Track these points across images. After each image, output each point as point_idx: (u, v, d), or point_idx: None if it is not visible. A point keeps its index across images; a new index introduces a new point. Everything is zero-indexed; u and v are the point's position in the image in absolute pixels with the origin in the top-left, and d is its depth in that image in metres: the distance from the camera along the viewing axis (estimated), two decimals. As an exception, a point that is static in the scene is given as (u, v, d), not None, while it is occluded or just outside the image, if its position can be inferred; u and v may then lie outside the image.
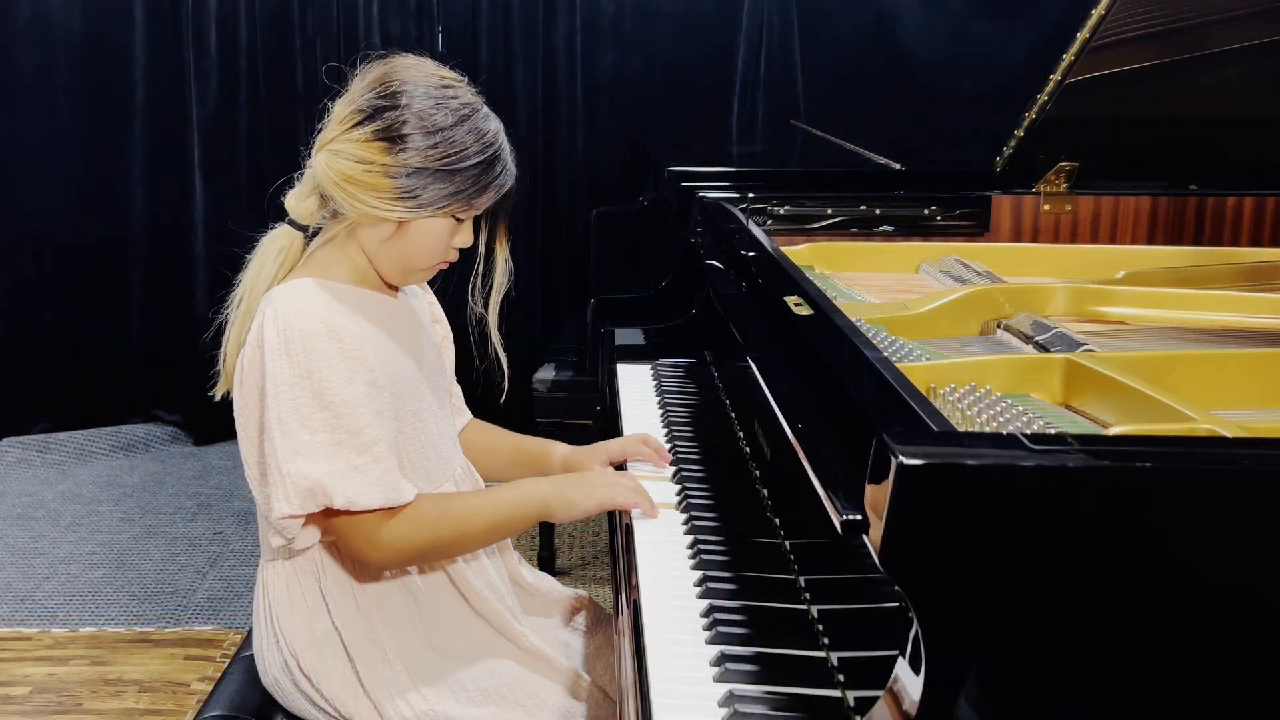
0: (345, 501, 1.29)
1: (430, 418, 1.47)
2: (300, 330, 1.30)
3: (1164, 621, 0.82)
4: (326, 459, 1.29)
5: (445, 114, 1.35)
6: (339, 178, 1.34)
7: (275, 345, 1.30)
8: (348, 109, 1.37)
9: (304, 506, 1.29)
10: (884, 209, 2.20)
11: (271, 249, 1.41)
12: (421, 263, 1.42)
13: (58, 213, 3.82)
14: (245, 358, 1.35)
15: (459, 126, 1.35)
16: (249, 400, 1.36)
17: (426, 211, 1.35)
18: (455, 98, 1.37)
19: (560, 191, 3.81)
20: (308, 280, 1.35)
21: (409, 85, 1.35)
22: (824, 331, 1.32)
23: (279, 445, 1.29)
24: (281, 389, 1.29)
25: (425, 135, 1.33)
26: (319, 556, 1.41)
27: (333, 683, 1.40)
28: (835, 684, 1.06)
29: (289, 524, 1.33)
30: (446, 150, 1.34)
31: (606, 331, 2.19)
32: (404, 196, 1.34)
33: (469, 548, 1.45)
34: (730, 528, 1.42)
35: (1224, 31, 1.94)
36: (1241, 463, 0.82)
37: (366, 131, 1.34)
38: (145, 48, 3.74)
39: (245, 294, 1.40)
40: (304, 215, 1.40)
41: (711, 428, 1.73)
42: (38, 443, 3.83)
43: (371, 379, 1.33)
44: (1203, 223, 2.19)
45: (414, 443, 1.42)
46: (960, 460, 0.82)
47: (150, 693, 2.45)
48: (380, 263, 1.41)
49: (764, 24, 3.74)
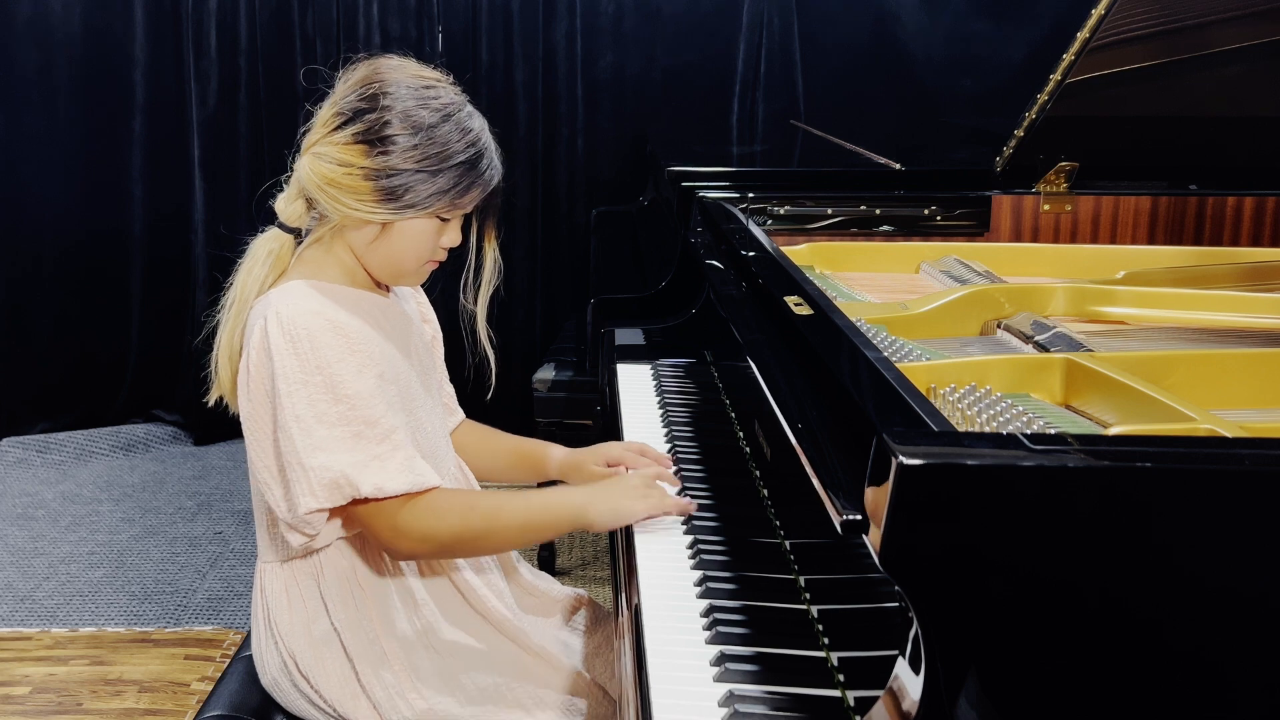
0: (373, 489, 1.29)
1: (424, 416, 1.47)
2: (305, 328, 1.30)
3: (1163, 621, 0.82)
4: (347, 451, 1.29)
5: (427, 114, 1.34)
6: (321, 181, 1.35)
7: (282, 345, 1.30)
8: (330, 111, 1.38)
9: (330, 499, 1.30)
10: (884, 209, 2.20)
11: (261, 252, 1.41)
12: (409, 264, 1.41)
13: (58, 212, 3.82)
14: (250, 362, 1.34)
15: (441, 126, 1.35)
16: (258, 405, 1.35)
17: (410, 213, 1.35)
18: (437, 97, 1.37)
19: (560, 191, 3.81)
20: (301, 282, 1.36)
21: (391, 86, 1.35)
22: (824, 331, 1.32)
23: (298, 442, 1.29)
24: (294, 387, 1.29)
25: (407, 136, 1.33)
26: (318, 558, 1.41)
27: (332, 683, 1.40)
28: (835, 684, 1.06)
29: (314, 519, 1.33)
30: (428, 150, 1.34)
31: (606, 331, 2.19)
32: (386, 198, 1.34)
33: (498, 546, 1.45)
34: (730, 528, 1.42)
35: (1224, 31, 1.93)
36: (1241, 463, 0.82)
37: (347, 134, 1.34)
38: (145, 48, 3.74)
39: (236, 298, 1.40)
40: (292, 218, 1.40)
41: (711, 428, 1.73)
42: (38, 443, 3.83)
43: (379, 372, 1.34)
44: (1203, 223, 2.19)
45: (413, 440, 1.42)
46: (960, 460, 0.82)
47: (150, 693, 2.45)
48: (369, 263, 1.41)
49: (764, 24, 3.74)
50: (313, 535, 1.36)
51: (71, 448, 3.82)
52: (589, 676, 1.50)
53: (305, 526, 1.34)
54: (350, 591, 1.41)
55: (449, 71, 1.43)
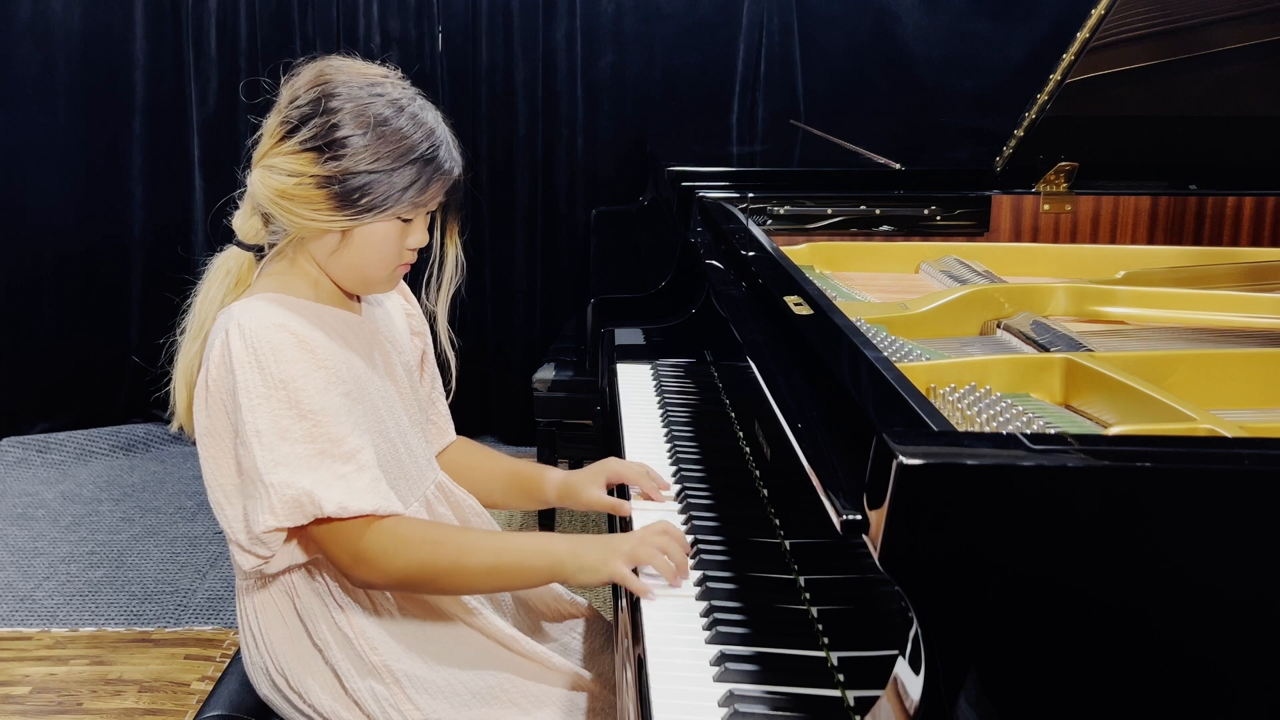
0: (336, 508, 1.23)
1: (399, 435, 1.42)
2: (269, 342, 1.25)
3: (1163, 621, 0.82)
4: (311, 469, 1.24)
5: (376, 111, 1.29)
6: (274, 194, 1.29)
7: (244, 359, 1.25)
8: (276, 121, 1.33)
9: (291, 518, 1.24)
10: (884, 209, 2.20)
11: (219, 272, 1.37)
12: (375, 270, 1.36)
13: (58, 212, 3.81)
14: (210, 376, 1.29)
15: (393, 121, 1.29)
16: (216, 420, 1.30)
17: (369, 216, 1.30)
18: (385, 93, 1.31)
19: (560, 191, 3.81)
20: (266, 297, 1.31)
21: (336, 87, 1.30)
22: (824, 331, 1.31)
23: (259, 458, 1.23)
24: (256, 401, 1.24)
25: (359, 136, 1.28)
26: (291, 580, 1.37)
27: (323, 698, 1.38)
28: (835, 684, 1.06)
29: (271, 539, 1.28)
30: (381, 149, 1.28)
31: (606, 331, 2.19)
32: (343, 204, 1.28)
33: (463, 587, 1.36)
34: (730, 528, 1.42)
35: (1224, 31, 1.93)
36: (1241, 462, 0.82)
37: (295, 142, 1.29)
38: (145, 48, 3.74)
39: (194, 320, 1.36)
40: (250, 235, 1.36)
41: (711, 428, 1.73)
42: (38, 443, 3.83)
43: (344, 390, 1.29)
44: (1203, 223, 2.19)
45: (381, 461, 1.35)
46: (960, 460, 0.82)
47: (150, 693, 2.45)
48: (334, 274, 1.36)
49: (764, 24, 3.74)
50: (267, 558, 1.30)
51: (71, 448, 3.82)
52: (588, 676, 1.50)
53: (259, 548, 1.28)
54: (328, 612, 1.37)
55: (397, 66, 1.37)
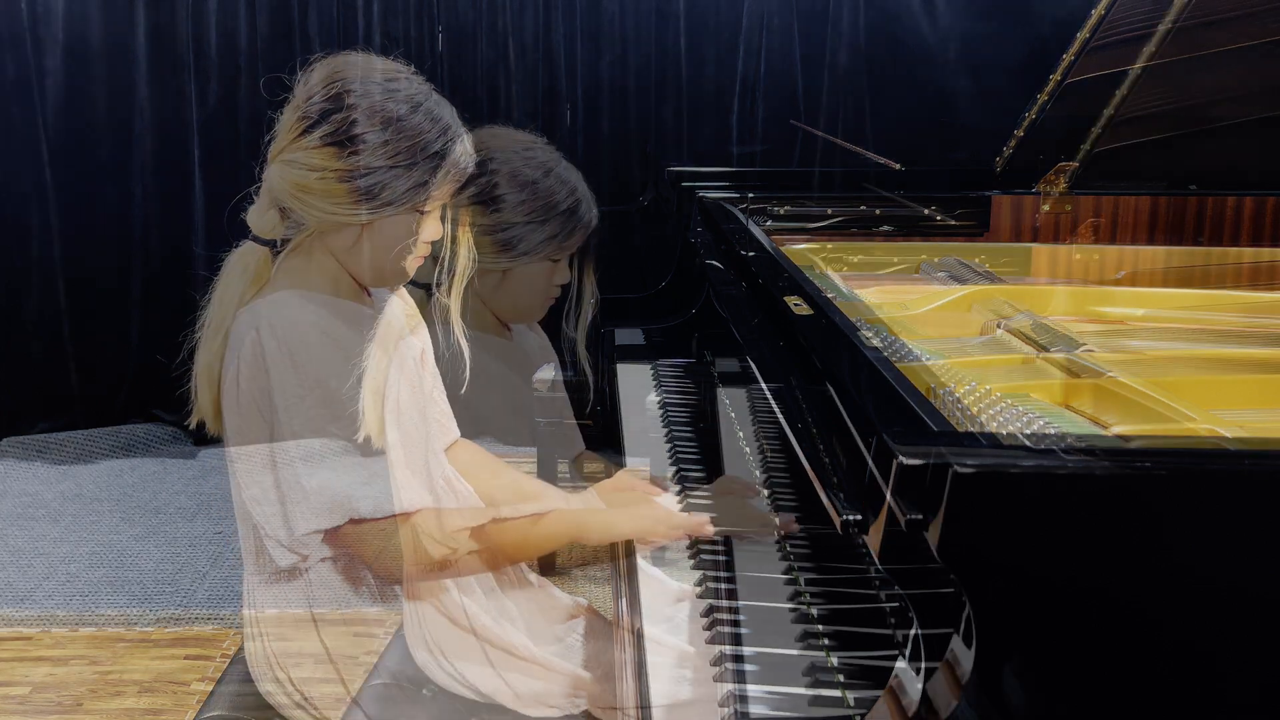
0: (371, 508, 1.27)
1: (413, 426, 1.43)
2: (302, 340, 1.27)
3: (1160, 621, 0.82)
4: (347, 470, 1.27)
5: (394, 107, 1.31)
6: (294, 188, 1.31)
7: (279, 359, 1.27)
8: (293, 116, 1.34)
9: (330, 520, 1.28)
10: (884, 209, 2.20)
11: (236, 268, 1.38)
12: (394, 262, 1.38)
13: (58, 211, 3.81)
14: (241, 376, 1.30)
15: (411, 118, 1.31)
16: (249, 420, 1.31)
17: (389, 210, 1.32)
18: (402, 89, 1.33)
19: (560, 191, 3.81)
20: (289, 293, 1.32)
21: (354, 84, 1.32)
22: (824, 331, 1.31)
23: (298, 463, 1.26)
24: (292, 402, 1.26)
25: (377, 132, 1.30)
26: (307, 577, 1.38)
27: (326, 697, 1.38)
28: (835, 684, 1.06)
29: (310, 539, 1.30)
30: (400, 144, 1.30)
31: (606, 331, 2.19)
32: (363, 198, 1.30)
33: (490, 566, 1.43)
34: (730, 528, 1.42)
35: (1224, 31, 1.93)
36: (1241, 463, 0.82)
37: (315, 137, 1.31)
38: (145, 48, 3.74)
39: (213, 317, 1.37)
40: (266, 230, 1.37)
41: (711, 428, 1.73)
42: (38, 443, 3.83)
43: (374, 387, 1.31)
44: (1203, 223, 2.19)
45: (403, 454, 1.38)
46: (960, 460, 0.82)
47: (150, 693, 2.45)
48: (352, 267, 1.38)
49: (764, 24, 3.74)
50: (306, 556, 1.33)
51: (71, 448, 3.82)
52: (589, 676, 1.50)
53: (300, 547, 1.32)
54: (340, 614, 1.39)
55: (410, 62, 1.39)
